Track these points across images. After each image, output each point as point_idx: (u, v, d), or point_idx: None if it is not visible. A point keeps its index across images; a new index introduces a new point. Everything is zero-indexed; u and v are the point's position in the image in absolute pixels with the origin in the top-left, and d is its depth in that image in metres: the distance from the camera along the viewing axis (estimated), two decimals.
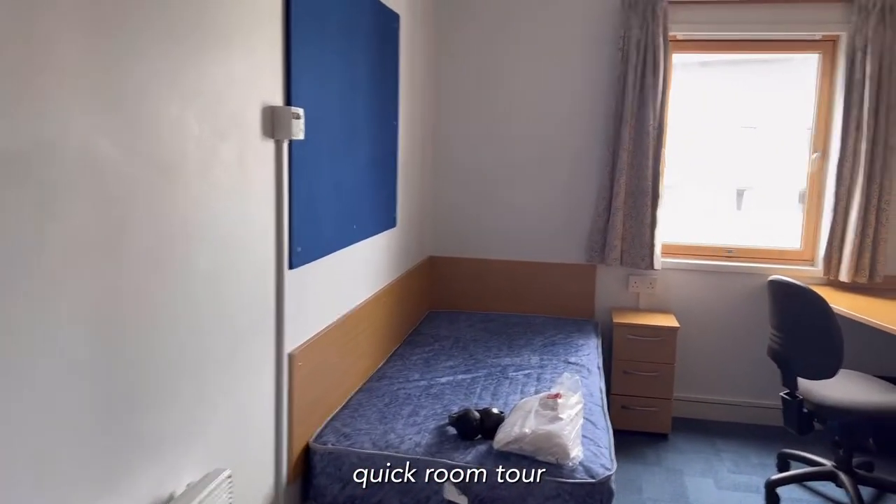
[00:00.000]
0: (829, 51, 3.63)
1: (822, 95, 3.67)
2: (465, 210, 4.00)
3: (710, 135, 3.89)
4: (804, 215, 3.77)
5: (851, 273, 3.49)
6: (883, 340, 3.64)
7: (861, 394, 2.77)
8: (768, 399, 3.80)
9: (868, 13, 3.37)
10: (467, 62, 3.89)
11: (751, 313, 3.77)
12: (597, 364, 3.14)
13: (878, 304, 3.28)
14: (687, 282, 3.82)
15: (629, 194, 3.69)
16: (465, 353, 3.23)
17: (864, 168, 3.41)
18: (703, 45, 3.74)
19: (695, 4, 3.62)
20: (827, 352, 2.67)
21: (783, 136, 3.86)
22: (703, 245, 3.88)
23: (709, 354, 3.85)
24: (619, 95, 3.62)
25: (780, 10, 3.55)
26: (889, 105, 3.38)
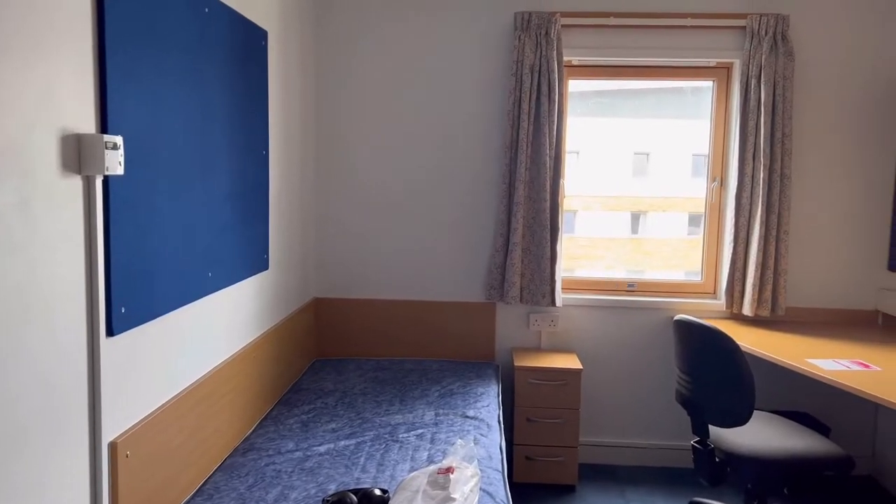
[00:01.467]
0: (724, 78, 3.56)
1: (718, 123, 3.58)
2: (354, 247, 3.65)
3: (605, 161, 3.76)
4: (704, 246, 3.66)
5: (754, 306, 3.37)
6: (787, 375, 3.54)
7: (774, 439, 2.60)
8: (678, 440, 3.62)
9: (760, 40, 3.30)
10: (350, 86, 3.56)
11: (656, 349, 3.60)
12: (497, 416, 2.85)
13: (779, 337, 3.16)
14: (589, 319, 3.61)
15: (527, 228, 3.46)
16: (351, 410, 2.85)
17: (763, 197, 3.32)
18: (598, 70, 3.58)
19: (589, 28, 3.45)
20: (739, 398, 2.48)
21: (676, 163, 3.78)
22: (605, 279, 3.69)
23: (614, 395, 3.64)
24: (514, 123, 3.40)
25: (674, 36, 3.44)
26: (784, 133, 3.31)
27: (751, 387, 2.46)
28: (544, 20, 3.34)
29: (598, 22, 3.42)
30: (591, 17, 3.41)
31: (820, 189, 3.50)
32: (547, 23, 3.34)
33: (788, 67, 3.29)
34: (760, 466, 2.49)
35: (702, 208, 3.69)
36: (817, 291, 3.55)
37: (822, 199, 3.50)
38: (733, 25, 3.38)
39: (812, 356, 2.81)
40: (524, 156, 3.36)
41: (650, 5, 3.42)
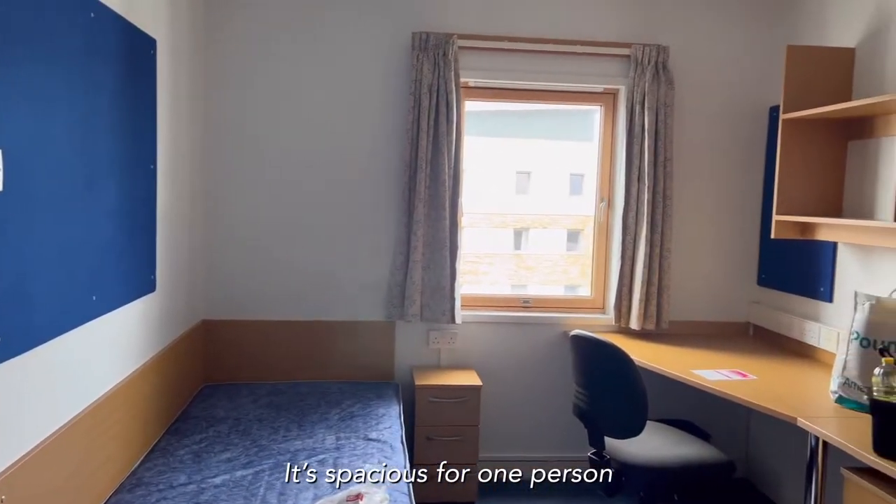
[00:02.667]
0: (610, 104, 3.74)
1: (605, 146, 3.76)
2: (246, 266, 3.51)
3: (490, 179, 3.87)
4: (593, 264, 3.81)
5: (641, 320, 3.54)
6: (669, 385, 3.73)
7: (664, 448, 2.73)
8: (576, 452, 3.72)
9: (643, 69, 3.50)
10: (244, 99, 3.45)
11: (551, 364, 3.70)
12: (400, 437, 2.81)
13: (665, 350, 3.34)
14: (487, 335, 3.66)
15: (427, 246, 3.46)
16: (246, 438, 2.72)
17: (647, 217, 3.50)
18: (493, 92, 3.67)
19: (484, 51, 3.53)
20: (633, 409, 2.59)
21: (556, 182, 3.96)
22: (501, 296, 3.76)
23: (513, 410, 3.70)
24: (413, 141, 3.41)
25: (565, 61, 3.58)
26: (666, 157, 3.51)
27: (644, 399, 2.57)
28: (441, 41, 3.39)
29: (493, 45, 3.50)
30: (487, 40, 3.49)
31: (698, 209, 3.74)
32: (444, 44, 3.38)
33: (669, 95, 3.50)
34: (653, 475, 2.61)
35: (580, 225, 3.86)
36: (696, 305, 3.78)
37: (699, 218, 3.74)
38: (619, 54, 3.56)
39: (696, 367, 2.98)
40: (423, 174, 3.38)
41: (542, 31, 3.55)
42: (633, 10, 3.60)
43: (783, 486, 3.50)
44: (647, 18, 3.61)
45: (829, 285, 3.16)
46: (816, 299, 3.26)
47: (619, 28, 3.59)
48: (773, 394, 2.61)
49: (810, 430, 2.27)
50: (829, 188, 3.09)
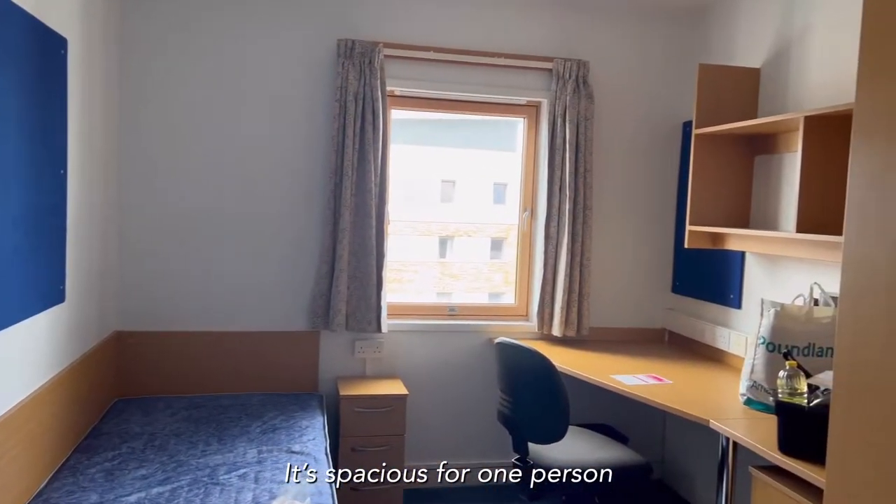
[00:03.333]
0: (533, 116, 3.82)
1: (528, 157, 3.84)
2: (162, 276, 3.38)
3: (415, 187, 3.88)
4: (517, 272, 3.87)
5: (562, 327, 3.63)
6: (589, 390, 3.83)
7: (585, 452, 2.80)
8: (501, 458, 3.76)
9: (565, 83, 3.60)
10: (162, 103, 3.34)
11: (477, 371, 3.73)
12: (324, 449, 2.77)
13: (585, 356, 3.43)
14: (413, 344, 3.66)
15: (353, 254, 3.44)
16: (162, 454, 2.62)
17: (568, 227, 3.59)
18: (419, 102, 3.69)
19: (410, 60, 3.55)
20: (555, 415, 2.64)
21: (480, 191, 4.02)
22: (427, 304, 3.78)
23: (439, 418, 3.71)
24: (338, 149, 3.38)
25: (490, 73, 3.64)
26: (586, 168, 3.62)
27: (566, 404, 2.63)
28: (368, 49, 3.38)
29: (419, 55, 3.52)
30: (413, 49, 3.51)
31: (616, 219, 3.86)
32: (370, 52, 3.38)
33: (589, 109, 3.61)
34: (573, 478, 2.66)
35: (503, 233, 3.93)
36: (615, 312, 3.90)
37: (618, 228, 3.87)
38: (542, 67, 3.65)
39: (615, 372, 3.08)
40: (349, 182, 3.36)
41: (468, 43, 3.60)
42: (555, 25, 3.69)
43: (697, 485, 3.64)
44: (569, 34, 3.71)
45: (738, 293, 3.33)
46: (726, 306, 3.42)
47: (542, 42, 3.68)
48: (687, 397, 2.72)
49: (721, 431, 2.38)
50: (738, 200, 3.26)
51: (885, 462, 1.61)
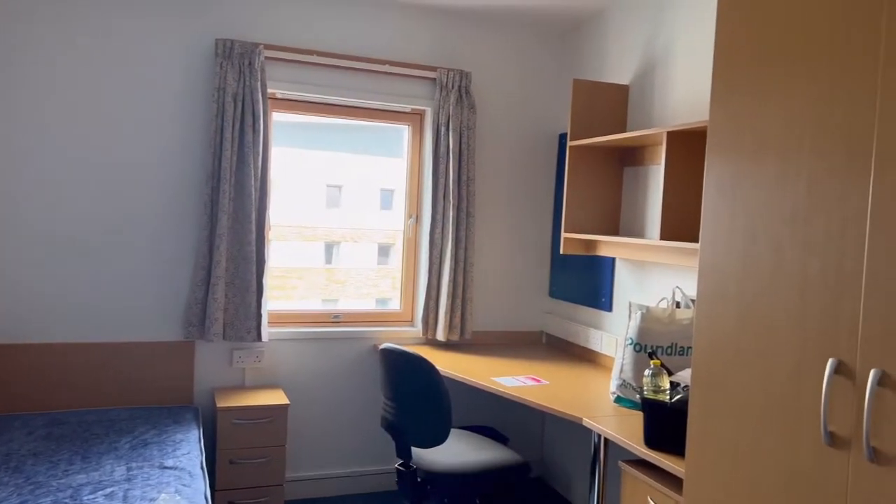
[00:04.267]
0: (418, 123, 3.86)
1: (413, 164, 3.87)
2: (20, 284, 3.13)
3: (300, 191, 3.82)
4: (403, 278, 3.90)
5: (446, 332, 3.68)
6: (472, 393, 3.92)
7: (466, 454, 2.85)
8: (385, 465, 3.75)
9: (448, 92, 3.66)
10: (23, 107, 3.09)
11: (362, 378, 3.71)
12: (199, 463, 2.66)
13: (468, 359, 3.50)
14: (295, 352, 3.59)
15: (231, 261, 3.33)
16: (18, 475, 2.42)
17: (452, 233, 3.66)
18: (302, 105, 3.63)
19: (292, 63, 3.49)
20: (438, 418, 2.67)
21: (367, 197, 4.02)
22: (310, 311, 3.72)
23: (322, 426, 3.66)
24: (216, 152, 3.27)
25: (374, 80, 3.65)
26: (469, 176, 3.70)
27: (449, 407, 2.67)
28: (248, 50, 3.30)
29: (302, 58, 3.48)
30: (296, 52, 3.46)
31: (498, 226, 3.97)
32: (250, 53, 3.29)
33: (471, 118, 3.70)
34: (455, 480, 2.71)
35: (391, 240, 3.95)
36: (496, 316, 4.01)
37: (499, 235, 3.98)
38: (425, 76, 3.70)
39: (496, 375, 3.16)
40: (227, 185, 3.25)
41: (352, 49, 3.59)
42: (439, 35, 3.76)
43: (573, 482, 3.80)
44: (453, 44, 3.79)
45: (609, 296, 3.51)
46: (599, 309, 3.60)
47: (426, 51, 3.74)
48: (563, 397, 2.83)
49: (594, 428, 2.50)
50: (609, 209, 3.44)
51: (733, 451, 1.76)
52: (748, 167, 1.73)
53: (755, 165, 1.71)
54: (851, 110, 1.47)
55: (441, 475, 2.71)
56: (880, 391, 1.39)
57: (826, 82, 1.53)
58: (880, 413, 1.39)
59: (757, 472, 1.68)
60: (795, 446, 1.57)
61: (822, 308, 1.52)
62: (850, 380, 1.45)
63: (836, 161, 1.50)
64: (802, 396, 1.56)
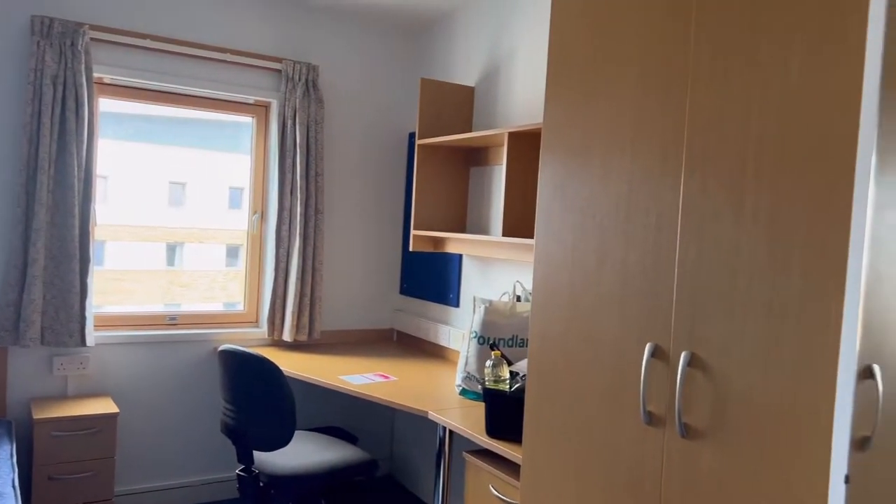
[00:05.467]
0: (263, 116, 3.73)
1: (258, 158, 3.74)
2: None
3: (138, 188, 3.57)
4: (247, 277, 3.75)
5: (293, 332, 3.58)
6: (323, 393, 3.85)
7: (310, 455, 2.79)
8: (226, 472, 3.58)
9: (294, 85, 3.57)
10: None
11: (201, 383, 3.52)
12: (11, 482, 2.40)
13: (316, 359, 3.43)
14: (127, 357, 3.34)
15: (51, 258, 3.04)
16: None
17: (300, 230, 3.57)
18: (135, 92, 3.39)
19: (123, 46, 3.25)
20: (281, 420, 2.59)
21: (214, 194, 3.82)
22: (143, 314, 3.47)
23: (158, 435, 3.43)
24: (32, 139, 2.97)
25: (215, 69, 3.48)
26: (317, 172, 3.63)
27: (291, 408, 2.60)
28: (70, 29, 3.02)
29: (134, 42, 3.24)
30: (127, 35, 3.22)
31: (348, 223, 3.93)
32: (73, 33, 3.02)
33: (319, 112, 3.63)
34: (299, 483, 2.64)
35: (240, 240, 3.78)
36: (346, 315, 3.96)
37: (350, 232, 3.94)
38: (271, 67, 3.58)
39: (343, 373, 3.12)
40: (46, 176, 2.96)
41: (192, 35, 3.40)
42: (285, 26, 3.65)
43: (422, 477, 3.84)
44: (300, 36, 3.70)
45: (457, 292, 3.58)
46: (447, 305, 3.66)
47: (271, 42, 3.62)
48: (410, 392, 2.85)
49: (438, 421, 2.53)
50: (456, 207, 3.51)
51: (565, 434, 1.84)
52: (577, 166, 1.82)
53: (583, 165, 1.81)
54: (665, 118, 1.59)
55: (284, 478, 2.63)
56: (690, 371, 1.51)
57: (644, 90, 1.64)
58: (690, 392, 1.51)
59: (586, 453, 1.77)
60: (619, 426, 1.68)
61: (641, 297, 1.63)
62: (664, 362, 1.57)
63: (652, 163, 1.61)
64: (625, 379, 1.67)
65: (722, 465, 1.43)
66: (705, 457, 1.47)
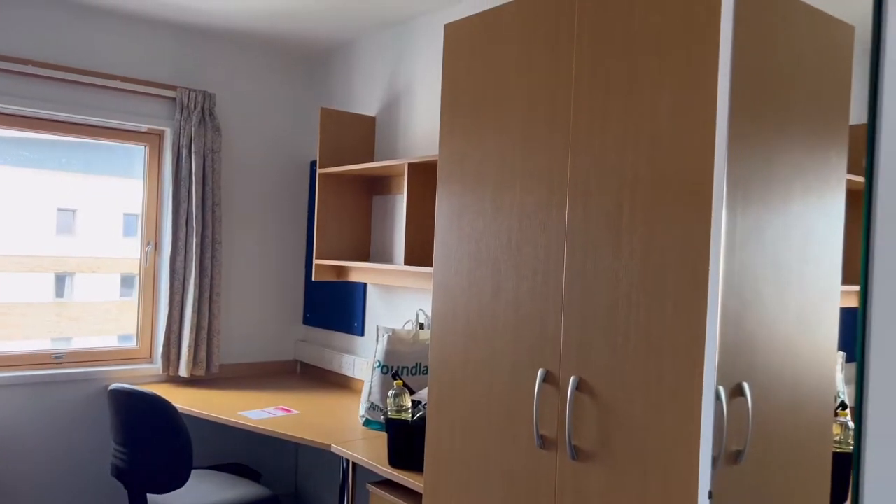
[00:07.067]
0: (156, 144, 3.62)
1: (151, 187, 3.61)
2: None
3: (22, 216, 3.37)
4: (139, 310, 3.59)
5: (190, 367, 3.46)
6: (223, 430, 3.72)
7: (209, 494, 2.69)
8: None
9: (190, 113, 3.49)
10: None
11: (90, 425, 3.33)
12: None
13: (215, 395, 3.32)
14: (5, 400, 3.12)
15: None
16: None
17: (196, 261, 3.47)
18: (18, 120, 3.21)
19: (7, 74, 3.08)
20: (176, 459, 2.50)
21: (107, 222, 3.66)
22: (23, 353, 3.26)
23: (39, 484, 3.20)
24: None
25: (104, 96, 3.35)
26: (214, 202, 3.55)
27: (188, 447, 2.51)
28: None
29: (14, 68, 3.08)
30: (6, 61, 3.06)
31: (248, 253, 3.85)
32: None
33: (217, 141, 3.56)
34: None
35: (135, 269, 3.63)
36: (247, 348, 3.86)
37: (250, 262, 3.86)
38: (164, 95, 3.49)
39: (243, 409, 3.03)
40: None
41: (79, 61, 3.26)
42: (180, 54, 3.57)
43: None
44: (195, 64, 3.62)
45: (361, 321, 3.57)
46: (352, 334, 3.65)
47: (165, 69, 3.53)
48: (312, 425, 2.81)
49: (341, 453, 2.51)
50: (360, 236, 3.52)
51: (463, 460, 1.88)
52: (471, 199, 1.88)
53: (477, 198, 1.87)
54: (550, 154, 1.67)
55: None
56: (578, 395, 1.58)
57: (530, 127, 1.72)
58: (579, 415, 1.58)
59: (483, 478, 1.81)
60: (514, 450, 1.73)
61: (532, 324, 1.69)
62: (555, 387, 1.63)
63: (539, 196, 1.69)
64: (519, 404, 1.72)
65: (609, 486, 1.50)
66: (593, 478, 1.53)
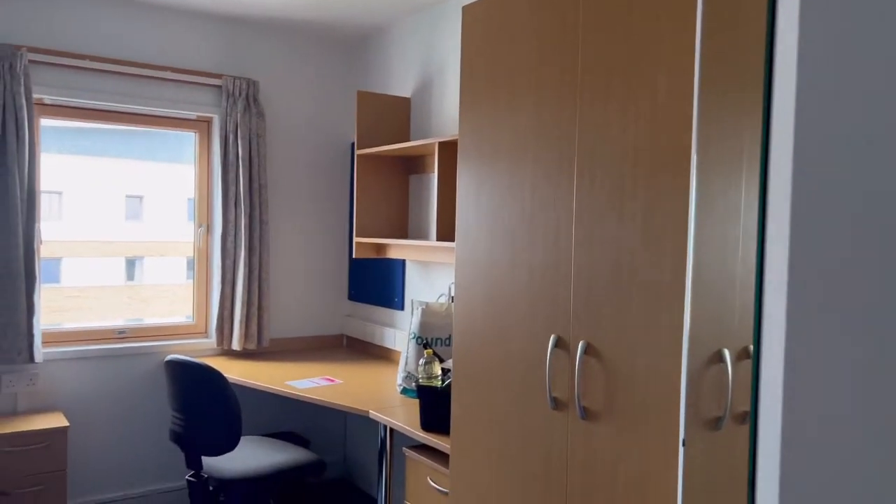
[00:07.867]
0: (205, 131, 3.82)
1: (202, 172, 3.82)
2: None
3: (95, 203, 3.60)
4: (195, 288, 3.82)
5: (242, 341, 3.67)
6: (276, 400, 3.94)
7: (259, 458, 2.89)
8: (177, 481, 3.65)
9: (235, 100, 3.67)
10: None
11: (151, 394, 3.59)
12: None
13: (264, 366, 3.52)
14: (77, 372, 3.40)
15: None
16: None
17: (245, 242, 3.66)
18: (76, 112, 3.45)
19: (63, 67, 3.31)
20: (226, 425, 2.69)
21: (172, 207, 3.85)
22: (93, 329, 3.53)
23: (109, 447, 3.48)
24: None
25: (155, 86, 3.55)
26: (261, 184, 3.72)
27: (236, 413, 2.70)
28: (8, 53, 3.08)
29: (72, 63, 3.30)
30: (65, 56, 3.28)
31: (294, 232, 4.03)
32: (12, 56, 3.08)
33: (261, 126, 3.73)
34: (246, 485, 2.74)
35: None
36: (295, 322, 4.06)
37: (296, 241, 4.04)
38: (211, 84, 3.67)
39: (290, 379, 3.22)
40: None
41: (132, 54, 3.47)
42: (225, 43, 3.74)
43: (373, 476, 3.96)
44: (239, 53, 3.79)
45: (401, 296, 3.71)
46: (392, 308, 3.79)
47: (211, 59, 3.70)
48: (353, 393, 2.97)
49: (378, 419, 2.66)
50: (397, 214, 3.65)
51: (486, 423, 1.99)
52: (488, 173, 1.98)
53: (493, 172, 1.96)
54: (559, 129, 1.75)
55: (232, 481, 2.73)
56: (586, 359, 1.67)
57: (541, 104, 1.80)
58: (587, 377, 1.67)
59: (502, 439, 1.92)
60: (530, 413, 1.83)
61: (545, 292, 1.78)
62: (566, 352, 1.73)
63: (550, 170, 1.77)
64: (535, 370, 1.82)
65: (615, 443, 1.59)
66: (601, 435, 1.63)
